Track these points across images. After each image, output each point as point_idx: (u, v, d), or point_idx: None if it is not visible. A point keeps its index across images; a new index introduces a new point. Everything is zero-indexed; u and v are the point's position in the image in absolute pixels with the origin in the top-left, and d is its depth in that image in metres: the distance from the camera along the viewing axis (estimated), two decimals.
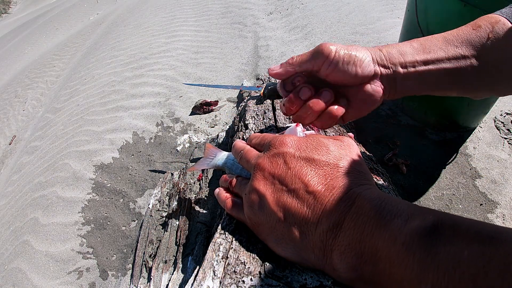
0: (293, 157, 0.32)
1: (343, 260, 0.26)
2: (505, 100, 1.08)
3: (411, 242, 0.22)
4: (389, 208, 0.25)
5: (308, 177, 0.30)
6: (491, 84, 0.38)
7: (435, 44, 0.37)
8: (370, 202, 0.26)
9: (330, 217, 0.27)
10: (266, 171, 0.32)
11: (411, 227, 0.23)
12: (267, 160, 0.33)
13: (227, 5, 2.44)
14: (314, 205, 0.29)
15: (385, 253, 0.23)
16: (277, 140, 0.34)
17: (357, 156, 0.33)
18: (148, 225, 0.89)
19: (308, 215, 0.29)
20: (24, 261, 0.97)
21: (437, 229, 0.22)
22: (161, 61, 1.86)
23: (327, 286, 0.28)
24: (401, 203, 0.26)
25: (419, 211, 0.24)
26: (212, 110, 1.36)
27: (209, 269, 0.32)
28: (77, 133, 1.47)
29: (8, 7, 6.55)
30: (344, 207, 0.27)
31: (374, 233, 0.24)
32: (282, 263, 0.32)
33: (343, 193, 0.28)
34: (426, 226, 0.22)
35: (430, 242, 0.22)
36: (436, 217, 0.23)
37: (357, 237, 0.25)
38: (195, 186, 0.94)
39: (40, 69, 2.90)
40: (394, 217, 0.24)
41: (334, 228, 0.27)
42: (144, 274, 0.79)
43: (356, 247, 0.25)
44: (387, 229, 0.24)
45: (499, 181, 0.87)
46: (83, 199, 1.11)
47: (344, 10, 1.87)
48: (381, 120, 1.08)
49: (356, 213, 0.26)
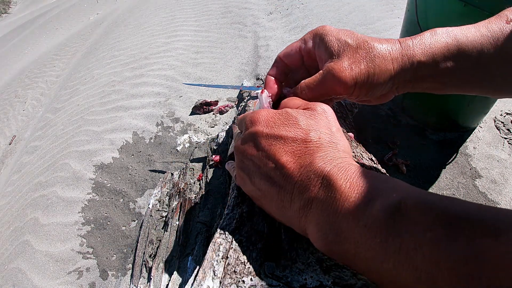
0: (262, 137, 0.31)
1: (315, 236, 0.27)
2: (505, 100, 1.08)
3: (373, 224, 0.22)
4: (355, 189, 0.25)
5: (277, 156, 0.29)
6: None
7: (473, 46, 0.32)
8: (336, 182, 0.26)
9: (300, 197, 0.27)
10: (240, 154, 0.33)
11: (373, 209, 0.23)
12: (240, 142, 0.33)
13: (227, 5, 2.44)
14: (285, 185, 0.29)
15: (349, 234, 0.24)
16: (248, 118, 0.33)
17: (330, 125, 0.31)
18: (148, 225, 0.89)
19: (281, 194, 0.29)
20: (24, 261, 0.97)
21: (399, 209, 0.22)
22: (161, 61, 1.86)
23: (327, 286, 0.28)
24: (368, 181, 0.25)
25: (384, 190, 0.24)
26: (212, 110, 1.36)
27: (209, 269, 0.32)
28: (77, 133, 1.47)
29: (8, 7, 6.55)
30: (313, 187, 0.27)
31: (338, 215, 0.24)
32: (282, 263, 0.32)
33: (311, 172, 0.27)
34: (388, 207, 0.22)
35: (392, 224, 0.21)
36: (400, 196, 0.23)
37: (323, 218, 0.25)
38: (195, 186, 0.94)
39: (40, 69, 2.90)
40: (358, 199, 0.24)
41: (305, 207, 0.27)
42: (144, 274, 0.79)
43: (323, 227, 0.25)
44: (351, 212, 0.24)
45: (499, 181, 0.87)
46: (83, 199, 1.11)
47: (344, 10, 1.87)
48: (381, 120, 1.08)
49: (323, 194, 0.26)
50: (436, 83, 0.34)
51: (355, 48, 0.32)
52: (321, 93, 0.34)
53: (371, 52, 0.32)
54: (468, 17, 0.67)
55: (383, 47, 0.32)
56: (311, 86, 0.35)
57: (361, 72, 0.32)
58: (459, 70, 0.32)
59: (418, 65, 0.32)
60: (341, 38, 0.33)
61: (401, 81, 0.33)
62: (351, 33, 0.34)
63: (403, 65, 0.32)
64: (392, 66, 0.32)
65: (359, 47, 0.32)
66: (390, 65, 0.32)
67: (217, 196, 0.87)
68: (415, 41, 0.33)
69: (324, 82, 0.33)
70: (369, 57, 0.32)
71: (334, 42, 0.33)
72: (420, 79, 0.33)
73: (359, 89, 0.33)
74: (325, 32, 0.34)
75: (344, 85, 0.32)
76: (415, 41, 0.33)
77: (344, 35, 0.33)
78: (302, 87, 0.35)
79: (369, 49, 0.32)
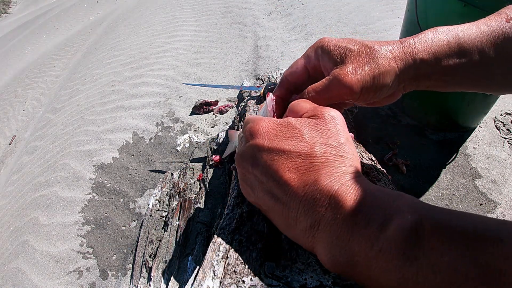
0: (262, 151, 0.29)
1: (325, 258, 0.25)
2: (505, 100, 1.08)
3: (389, 249, 0.21)
4: (366, 210, 0.23)
5: (280, 173, 0.28)
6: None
7: (473, 44, 0.32)
8: (345, 203, 0.24)
9: (306, 217, 0.26)
10: (241, 167, 0.32)
11: (388, 232, 0.22)
12: (240, 156, 0.32)
13: (227, 5, 2.44)
14: (289, 203, 0.27)
15: (362, 258, 0.23)
16: (248, 129, 0.32)
17: (337, 135, 0.29)
18: (148, 225, 0.89)
19: (286, 212, 0.27)
20: (24, 261, 0.97)
21: (416, 232, 0.21)
22: (161, 61, 1.86)
23: (327, 286, 0.28)
24: (380, 200, 0.24)
25: (398, 211, 0.23)
26: (212, 110, 1.36)
27: (209, 269, 0.31)
28: (77, 133, 1.47)
29: (8, 7, 6.55)
30: (319, 208, 0.25)
31: (349, 239, 0.23)
32: (282, 263, 0.32)
33: (316, 190, 0.26)
34: (404, 230, 0.21)
35: (408, 248, 0.21)
36: (416, 217, 0.22)
37: (333, 240, 0.24)
38: (195, 186, 0.94)
39: (40, 69, 2.90)
40: (370, 221, 0.23)
41: (312, 228, 0.26)
42: (144, 274, 0.79)
43: (333, 250, 0.24)
44: (363, 235, 0.23)
45: (499, 181, 0.87)
46: (83, 199, 1.11)
47: (344, 10, 1.87)
48: (381, 120, 1.08)
49: (331, 216, 0.24)
50: (439, 81, 0.34)
51: (357, 52, 0.32)
52: (327, 98, 0.34)
53: (373, 54, 0.32)
54: (468, 17, 0.67)
55: (384, 48, 0.33)
56: (317, 90, 0.34)
57: (366, 74, 0.32)
58: (460, 68, 0.33)
59: (421, 63, 0.32)
60: (342, 45, 0.33)
61: (406, 78, 0.33)
62: (351, 39, 0.34)
63: (406, 63, 0.32)
64: (395, 65, 0.32)
65: (361, 51, 0.32)
66: (394, 63, 0.32)
67: (217, 196, 0.87)
68: (416, 39, 0.33)
69: (331, 88, 0.33)
70: (372, 59, 0.32)
71: (336, 50, 0.33)
72: (423, 77, 0.34)
73: (366, 92, 0.33)
74: (325, 43, 0.35)
75: (350, 89, 0.32)
76: (416, 39, 0.33)
77: (344, 42, 0.34)
78: (309, 91, 0.35)
79: (371, 51, 0.32)
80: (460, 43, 0.32)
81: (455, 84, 0.35)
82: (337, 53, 0.33)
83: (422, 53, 0.32)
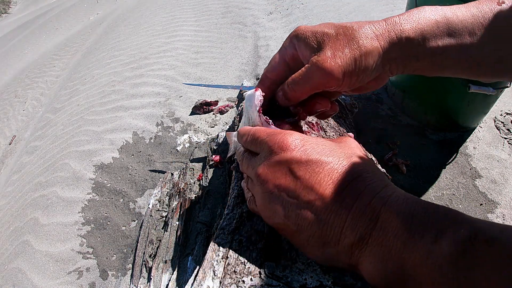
0: (300, 163, 0.27)
1: (371, 272, 0.25)
2: (505, 100, 1.08)
3: (443, 263, 0.21)
4: (418, 223, 0.23)
5: (323, 186, 0.26)
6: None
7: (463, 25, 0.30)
8: (397, 216, 0.24)
9: (354, 231, 0.25)
10: (270, 183, 0.29)
11: (442, 246, 0.21)
12: (268, 169, 0.29)
13: (227, 5, 2.44)
14: (332, 219, 0.26)
15: (415, 272, 0.22)
16: (276, 142, 0.30)
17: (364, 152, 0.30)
18: (148, 225, 0.89)
19: (326, 230, 0.26)
20: (24, 261, 0.97)
21: (471, 246, 0.20)
22: (161, 61, 1.86)
23: (327, 286, 0.28)
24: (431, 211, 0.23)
25: (452, 223, 0.22)
26: (212, 110, 1.36)
27: (209, 269, 0.31)
28: (77, 133, 1.47)
29: (8, 7, 6.55)
30: (369, 221, 0.24)
31: (402, 252, 0.22)
32: (282, 263, 0.32)
33: (366, 203, 0.25)
34: (458, 243, 0.21)
35: (462, 262, 0.20)
36: (470, 231, 0.21)
37: (384, 254, 0.23)
38: (195, 186, 0.94)
39: (40, 69, 2.90)
40: (423, 234, 0.22)
41: (360, 243, 0.25)
42: (144, 274, 0.79)
43: (384, 263, 0.24)
44: (417, 248, 0.22)
45: (499, 181, 0.87)
46: (83, 199, 1.11)
47: (344, 10, 1.87)
48: (381, 120, 1.08)
49: (383, 229, 0.24)
50: (427, 62, 0.32)
51: (334, 35, 0.30)
52: (309, 88, 0.32)
53: (353, 35, 0.30)
54: None
55: (365, 28, 0.30)
56: (297, 81, 0.32)
57: (346, 57, 0.29)
58: (449, 49, 0.31)
59: (407, 42, 0.30)
60: (318, 30, 0.31)
61: (392, 59, 0.31)
62: (327, 23, 0.32)
63: (391, 41, 0.30)
64: (378, 44, 0.30)
65: (339, 34, 0.30)
66: (376, 42, 0.30)
67: (217, 196, 0.87)
68: (402, 17, 0.31)
69: (310, 76, 0.31)
70: (352, 40, 0.29)
71: (312, 37, 0.31)
72: (410, 58, 0.31)
73: (349, 77, 0.30)
74: (300, 31, 0.32)
75: (331, 75, 0.29)
76: (402, 17, 0.31)
77: (320, 27, 0.31)
78: (289, 82, 0.33)
79: (350, 32, 0.30)
80: (449, 23, 0.30)
81: (444, 67, 0.32)
82: (313, 39, 0.31)
83: (408, 31, 0.30)
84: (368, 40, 0.29)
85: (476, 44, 0.30)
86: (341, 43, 0.30)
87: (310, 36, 0.31)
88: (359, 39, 0.29)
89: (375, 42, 0.30)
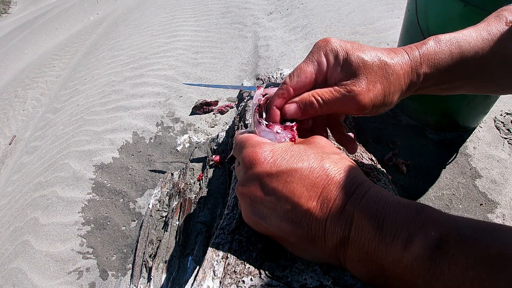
0: (271, 176, 0.27)
1: (358, 271, 0.26)
2: (505, 100, 1.08)
3: (415, 264, 0.22)
4: (389, 225, 0.23)
5: (297, 195, 0.26)
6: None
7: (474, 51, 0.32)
8: (369, 220, 0.24)
9: (334, 234, 0.25)
10: (246, 198, 0.29)
11: (413, 248, 0.22)
12: (243, 185, 0.30)
13: (227, 5, 2.44)
14: (312, 224, 0.26)
15: (392, 272, 0.23)
16: (247, 156, 0.29)
17: (336, 150, 0.30)
18: (148, 225, 0.89)
19: (309, 234, 0.26)
20: (24, 261, 0.97)
21: (441, 248, 0.21)
22: (161, 61, 1.86)
23: (327, 286, 0.28)
24: (403, 212, 0.24)
25: (422, 225, 0.23)
26: (212, 110, 1.36)
27: (209, 269, 0.31)
28: (77, 133, 1.47)
29: (8, 7, 6.56)
30: (345, 225, 0.25)
31: (377, 254, 0.23)
32: (282, 263, 0.32)
33: (340, 206, 0.25)
34: (428, 246, 0.21)
35: (433, 263, 0.21)
36: (439, 232, 0.22)
37: (363, 255, 0.24)
38: (195, 186, 0.94)
39: (40, 69, 2.90)
40: (394, 239, 0.23)
41: (341, 245, 0.26)
42: (144, 274, 0.79)
43: (366, 264, 0.25)
44: (389, 252, 0.23)
45: (499, 181, 0.87)
46: (83, 199, 1.11)
47: (344, 10, 1.87)
48: (381, 120, 1.08)
49: (358, 233, 0.24)
50: (438, 89, 0.34)
51: (370, 65, 0.31)
52: (334, 110, 0.32)
53: (386, 70, 0.31)
54: (468, 17, 0.67)
55: (394, 62, 0.31)
56: (326, 101, 0.32)
57: (379, 93, 0.31)
58: (461, 76, 0.33)
59: (424, 77, 0.32)
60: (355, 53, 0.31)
61: (409, 91, 0.34)
62: (363, 46, 0.32)
63: (412, 79, 0.32)
64: (404, 82, 0.32)
65: (374, 64, 0.31)
66: (403, 80, 0.32)
67: (217, 196, 0.87)
68: (421, 51, 0.32)
69: (342, 102, 0.31)
70: (385, 75, 0.31)
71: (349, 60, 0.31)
72: (423, 89, 0.34)
73: (374, 109, 0.32)
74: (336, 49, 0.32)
75: (362, 107, 0.31)
76: (421, 51, 0.32)
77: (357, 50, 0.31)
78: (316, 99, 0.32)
79: (384, 66, 0.31)
80: (462, 53, 0.32)
81: (455, 90, 0.35)
82: (350, 64, 0.31)
83: (425, 67, 0.32)
84: (397, 79, 0.31)
85: (486, 66, 0.32)
86: (375, 76, 0.31)
87: (347, 59, 0.32)
88: (390, 75, 0.31)
89: (402, 81, 0.32)
